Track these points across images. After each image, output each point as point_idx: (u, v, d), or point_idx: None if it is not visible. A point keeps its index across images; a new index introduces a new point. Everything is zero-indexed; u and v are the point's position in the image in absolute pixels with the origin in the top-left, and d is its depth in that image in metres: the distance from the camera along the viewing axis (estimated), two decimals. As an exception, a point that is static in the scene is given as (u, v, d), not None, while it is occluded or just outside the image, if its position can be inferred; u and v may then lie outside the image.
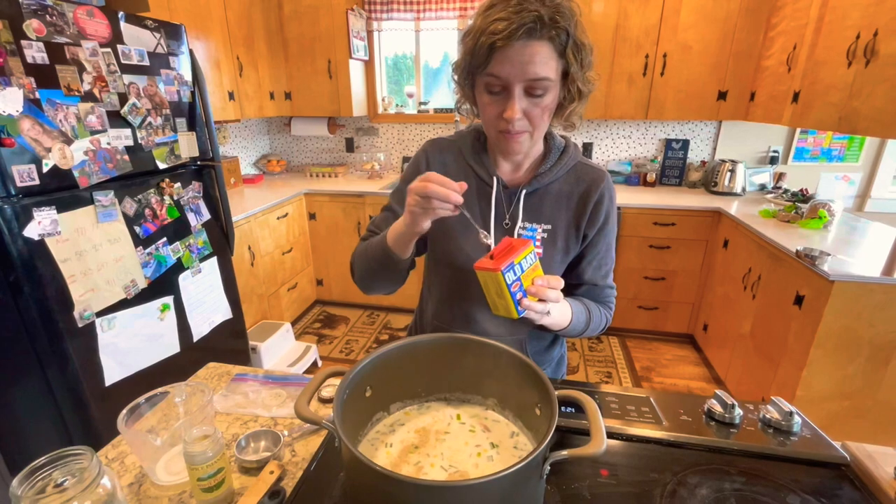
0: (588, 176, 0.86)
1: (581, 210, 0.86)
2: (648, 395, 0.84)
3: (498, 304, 0.71)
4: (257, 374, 0.94)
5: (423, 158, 0.90)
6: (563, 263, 0.88)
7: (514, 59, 0.67)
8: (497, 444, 0.64)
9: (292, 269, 2.90)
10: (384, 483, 0.47)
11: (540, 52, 0.67)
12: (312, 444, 0.75)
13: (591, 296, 0.91)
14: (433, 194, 0.65)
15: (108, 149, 1.42)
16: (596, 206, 0.86)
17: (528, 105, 0.72)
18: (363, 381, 0.63)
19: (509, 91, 0.70)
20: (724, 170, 2.79)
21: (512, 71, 0.68)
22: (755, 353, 2.08)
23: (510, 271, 0.66)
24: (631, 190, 2.94)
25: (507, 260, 0.66)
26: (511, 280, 0.66)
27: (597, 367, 2.61)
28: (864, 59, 1.69)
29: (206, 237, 1.84)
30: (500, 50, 0.67)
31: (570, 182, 0.86)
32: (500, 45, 0.66)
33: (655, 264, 2.69)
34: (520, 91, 0.70)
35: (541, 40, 0.67)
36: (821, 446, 0.71)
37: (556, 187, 0.86)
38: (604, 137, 3.13)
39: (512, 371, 0.65)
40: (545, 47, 0.68)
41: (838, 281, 1.58)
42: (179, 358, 1.72)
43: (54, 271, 1.29)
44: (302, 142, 3.59)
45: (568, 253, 0.87)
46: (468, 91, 0.79)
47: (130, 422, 0.66)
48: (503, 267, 0.65)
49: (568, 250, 0.87)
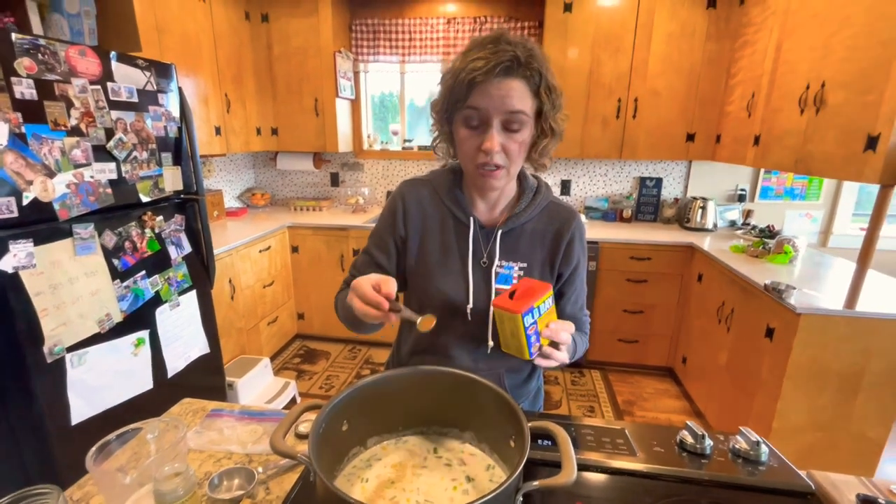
0: (560, 216, 0.91)
1: (555, 249, 0.90)
2: (623, 427, 0.85)
3: (510, 342, 0.72)
4: (233, 409, 0.92)
5: (399, 202, 0.92)
6: None
7: (493, 93, 0.73)
8: (473, 477, 0.65)
9: (273, 303, 2.87)
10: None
11: (516, 88, 0.74)
12: (287, 481, 0.74)
13: None
14: (366, 312, 0.70)
15: (91, 182, 1.42)
16: (569, 246, 0.90)
17: (505, 139, 0.76)
18: (340, 415, 0.63)
19: (488, 123, 0.75)
20: (695, 206, 2.92)
21: (491, 104, 0.74)
22: (732, 386, 2.12)
23: (529, 315, 0.68)
24: (608, 225, 3.04)
25: (528, 303, 0.68)
26: (529, 323, 0.68)
27: (579, 401, 2.61)
28: (814, 107, 1.83)
29: (187, 270, 1.83)
30: (480, 85, 0.73)
31: (544, 221, 0.90)
32: (479, 81, 0.72)
33: (633, 298, 2.75)
34: (498, 124, 0.75)
35: (517, 78, 0.73)
36: (788, 475, 0.74)
37: (530, 226, 0.90)
38: (581, 175, 3.25)
39: (488, 404, 0.66)
40: (521, 84, 0.74)
41: (804, 314, 1.65)
42: (152, 394, 1.67)
43: (26, 305, 1.26)
44: (287, 176, 3.63)
45: None
46: (445, 128, 0.84)
47: (99, 460, 0.65)
48: (524, 310, 0.67)
49: None
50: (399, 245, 0.92)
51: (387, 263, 0.93)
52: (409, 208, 0.91)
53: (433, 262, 0.90)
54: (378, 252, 0.93)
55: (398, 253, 0.93)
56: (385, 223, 0.93)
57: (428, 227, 0.91)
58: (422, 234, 0.91)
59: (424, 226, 0.91)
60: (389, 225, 0.92)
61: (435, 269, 0.89)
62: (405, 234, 0.91)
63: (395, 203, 0.92)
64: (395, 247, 0.92)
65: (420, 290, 0.92)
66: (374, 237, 0.95)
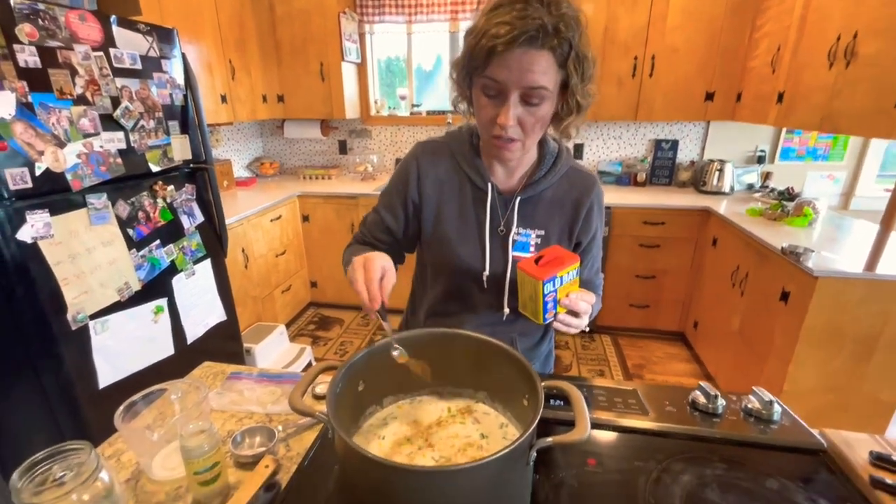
0: (580, 182, 0.88)
1: (574, 217, 0.88)
2: (635, 388, 0.86)
3: (527, 305, 0.73)
4: (252, 372, 0.95)
5: (414, 165, 0.89)
6: None
7: (513, 65, 0.67)
8: (487, 434, 0.66)
9: (286, 272, 2.91)
10: (377, 470, 0.48)
11: (539, 62, 0.67)
12: (306, 439, 0.76)
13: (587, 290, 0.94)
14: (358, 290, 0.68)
15: (101, 152, 1.42)
16: (588, 214, 0.88)
17: (522, 113, 0.72)
18: (356, 376, 0.64)
19: (505, 96, 0.70)
20: (712, 169, 2.84)
21: (510, 77, 0.68)
22: (744, 349, 2.12)
23: (550, 283, 0.68)
24: (621, 190, 2.98)
25: (552, 272, 0.68)
26: (548, 291, 0.68)
27: (589, 364, 2.64)
28: (844, 61, 1.73)
29: (200, 239, 1.85)
30: (500, 55, 0.67)
31: (563, 188, 0.88)
32: (500, 50, 0.66)
33: (646, 263, 2.72)
34: (516, 98, 0.70)
35: (541, 49, 0.66)
36: (800, 434, 0.74)
37: (549, 193, 0.87)
38: (594, 138, 3.16)
39: (501, 364, 0.67)
40: (545, 57, 0.67)
41: (822, 277, 1.62)
42: (173, 360, 1.72)
43: (47, 274, 1.29)
44: (295, 144, 3.59)
45: None
46: (466, 90, 0.79)
47: (127, 419, 0.68)
48: (545, 278, 0.67)
49: None
50: (410, 209, 0.90)
51: (395, 226, 0.91)
52: (425, 173, 0.88)
53: (450, 230, 0.88)
54: (387, 213, 0.91)
55: (407, 217, 0.91)
56: (397, 185, 0.91)
57: (445, 192, 0.88)
58: (438, 200, 0.89)
59: (441, 192, 0.88)
60: (402, 188, 0.90)
61: (452, 237, 0.88)
62: (419, 200, 0.89)
63: (410, 166, 0.89)
64: (405, 210, 0.90)
65: (436, 257, 0.91)
66: (384, 197, 0.92)
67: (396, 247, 0.94)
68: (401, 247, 0.95)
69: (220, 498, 0.65)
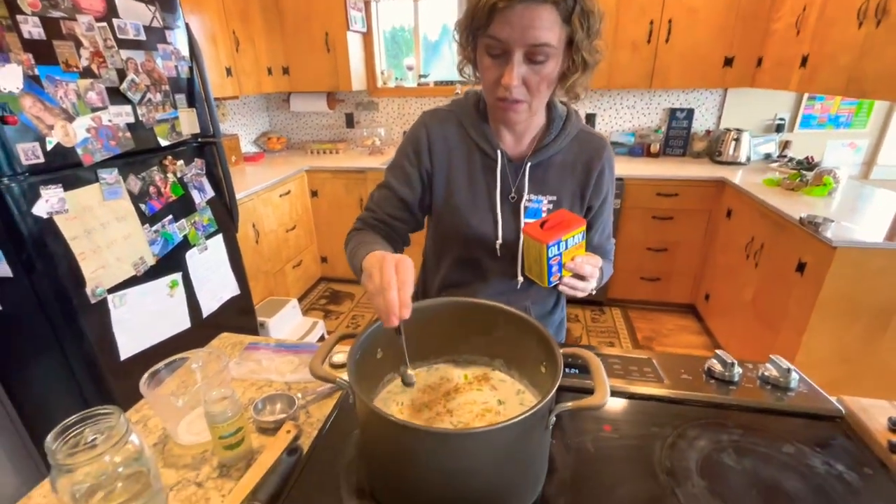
0: (590, 145, 0.86)
1: (585, 181, 0.86)
2: (650, 357, 0.86)
3: (533, 268, 0.73)
4: (269, 342, 0.97)
5: (424, 133, 0.86)
6: None
7: (515, 22, 0.65)
8: (504, 401, 0.67)
9: (296, 247, 2.92)
10: (398, 433, 0.49)
11: (543, 17, 0.65)
12: (326, 406, 0.78)
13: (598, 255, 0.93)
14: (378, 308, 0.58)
15: (110, 126, 1.41)
16: (599, 177, 0.86)
17: (527, 72, 0.70)
18: (374, 344, 0.65)
19: (509, 55, 0.68)
20: (728, 139, 2.76)
21: (512, 34, 0.66)
22: (756, 321, 2.11)
23: (555, 246, 0.68)
24: (634, 161, 2.92)
25: (557, 235, 0.68)
26: (552, 254, 0.68)
27: (599, 337, 2.65)
28: (874, 19, 1.64)
29: (212, 214, 1.85)
30: (502, 11, 0.65)
31: (574, 152, 0.86)
32: (501, 7, 0.65)
33: (658, 235, 2.69)
34: (519, 57, 0.68)
35: (545, 4, 0.64)
36: (817, 400, 0.74)
37: (559, 158, 0.86)
38: (607, 108, 3.08)
39: (518, 332, 0.67)
40: (549, 11, 0.65)
41: (841, 247, 1.59)
42: (190, 334, 1.76)
43: (65, 249, 1.31)
44: (301, 118, 3.55)
45: None
46: (470, 52, 0.77)
47: (152, 385, 0.69)
48: (550, 241, 0.67)
49: None
50: (426, 179, 0.88)
51: (411, 197, 0.88)
52: (435, 141, 0.86)
53: (461, 199, 0.87)
54: (400, 185, 0.88)
55: (423, 186, 0.89)
56: (409, 154, 0.88)
57: (454, 162, 0.87)
58: (448, 170, 0.87)
59: (450, 161, 0.87)
60: (414, 156, 0.87)
61: (463, 206, 0.86)
62: (431, 169, 0.87)
63: (419, 134, 0.87)
64: (422, 181, 0.88)
65: (448, 227, 0.90)
66: (394, 170, 0.90)
67: (412, 222, 0.92)
68: (416, 221, 0.92)
69: (245, 461, 0.67)
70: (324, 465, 0.65)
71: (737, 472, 0.61)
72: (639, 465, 0.63)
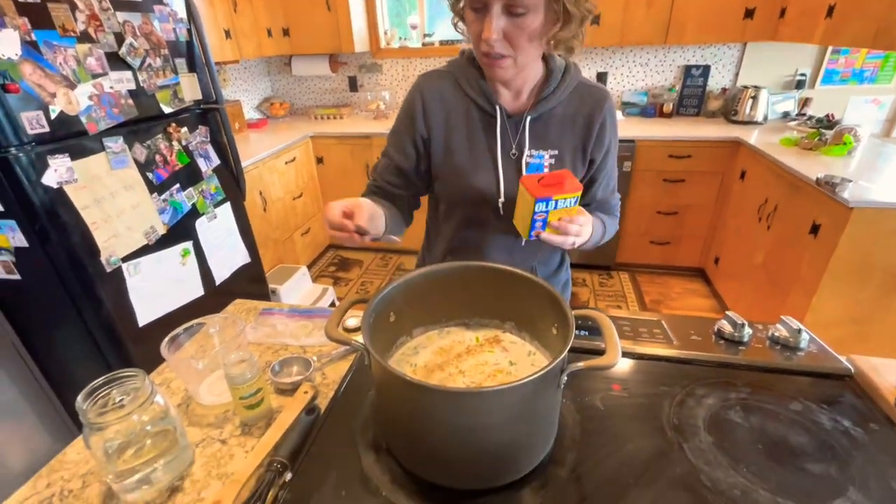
0: (591, 97, 0.84)
1: (587, 133, 0.84)
2: (660, 319, 0.87)
3: (518, 218, 0.74)
4: (283, 308, 0.98)
5: (419, 98, 0.86)
6: None
7: None
8: (515, 362, 0.68)
9: (304, 214, 2.93)
10: (413, 392, 0.50)
11: None
12: (341, 368, 0.80)
13: (603, 210, 0.93)
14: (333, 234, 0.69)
15: (112, 93, 1.39)
16: (601, 130, 0.84)
17: (508, 25, 0.68)
18: (388, 307, 0.66)
19: (488, 8, 0.67)
20: (745, 97, 2.66)
21: None
22: (765, 284, 2.10)
23: (543, 203, 0.68)
24: (646, 122, 2.83)
25: (548, 193, 0.68)
26: (539, 210, 0.68)
27: (607, 301, 2.67)
28: (910, -37, 1.54)
29: (218, 182, 1.85)
30: None
31: (574, 104, 0.84)
32: None
33: (669, 199, 2.65)
34: (498, 9, 0.66)
35: None
36: (826, 360, 0.75)
37: (559, 111, 0.84)
38: (619, 66, 2.97)
39: (528, 295, 0.67)
40: None
41: (857, 208, 1.56)
42: (204, 301, 1.79)
43: (77, 219, 1.32)
44: (304, 82, 3.47)
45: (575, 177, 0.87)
46: (459, 8, 0.76)
47: (172, 349, 0.71)
48: (539, 196, 0.67)
49: (575, 174, 0.86)
50: (421, 146, 0.88)
51: (407, 166, 0.89)
52: (430, 104, 0.85)
53: (461, 159, 0.86)
54: (397, 154, 0.89)
55: (418, 155, 0.89)
56: (404, 123, 0.88)
57: (452, 122, 0.86)
58: (446, 130, 0.86)
59: (448, 121, 0.86)
60: (409, 124, 0.87)
61: (464, 166, 0.86)
62: (427, 134, 0.87)
63: (414, 99, 0.86)
64: (416, 148, 0.88)
65: (450, 188, 0.89)
66: (392, 137, 0.90)
67: (412, 188, 0.93)
68: (416, 188, 0.94)
69: (265, 420, 0.69)
70: (341, 424, 0.67)
71: (744, 429, 0.63)
72: (647, 422, 0.65)
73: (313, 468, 0.59)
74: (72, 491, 0.59)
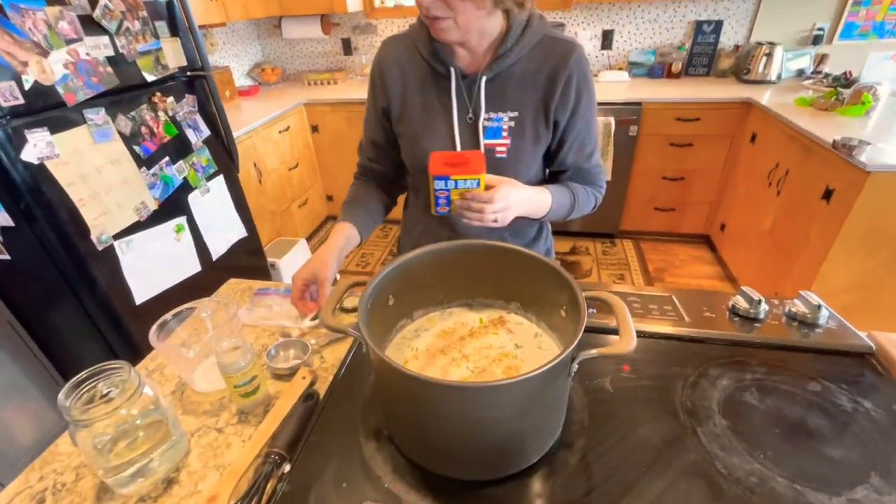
0: (555, 51, 0.76)
1: (549, 91, 0.77)
2: (671, 294, 0.83)
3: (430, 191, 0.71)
4: (279, 288, 0.95)
5: (377, 68, 0.83)
6: (535, 153, 0.82)
7: None
8: (521, 345, 0.65)
9: (300, 186, 2.86)
10: (415, 387, 0.47)
11: None
12: (340, 350, 0.77)
13: (578, 178, 0.87)
14: None
15: (89, 60, 1.31)
16: (566, 86, 0.77)
17: None
18: (385, 291, 0.62)
19: None
20: (759, 54, 2.53)
21: None
22: (773, 251, 2.06)
23: (441, 181, 0.67)
24: (653, 83, 2.71)
25: (446, 172, 0.66)
26: (438, 187, 0.67)
27: (609, 269, 2.64)
28: None
29: (209, 154, 1.78)
30: None
31: (536, 60, 0.77)
32: None
33: (675, 163, 2.57)
34: None
35: None
36: (846, 337, 0.71)
37: (519, 69, 0.77)
38: (626, 23, 2.81)
39: (534, 274, 0.63)
40: None
41: (875, 171, 1.49)
42: (202, 277, 1.76)
43: (62, 196, 1.27)
44: (295, 46, 3.31)
45: (539, 141, 0.81)
46: None
47: (162, 336, 0.68)
48: (436, 175, 0.66)
49: (538, 138, 0.80)
50: (384, 116, 0.86)
51: (381, 140, 0.88)
52: (388, 72, 0.82)
53: (417, 125, 0.82)
54: (372, 131, 0.89)
55: (387, 128, 0.87)
56: (369, 95, 0.87)
57: (409, 88, 0.82)
58: (403, 97, 0.82)
59: (405, 86, 0.82)
60: (372, 96, 0.86)
61: (420, 132, 0.82)
62: (387, 104, 0.83)
63: (374, 72, 0.84)
64: (382, 122, 0.86)
65: (409, 157, 0.86)
66: (366, 114, 0.89)
67: (394, 164, 0.92)
68: (396, 163, 0.92)
69: (263, 407, 0.67)
70: (341, 410, 0.65)
71: (759, 411, 0.60)
72: (659, 405, 0.62)
73: (313, 458, 0.57)
74: (65, 484, 0.58)
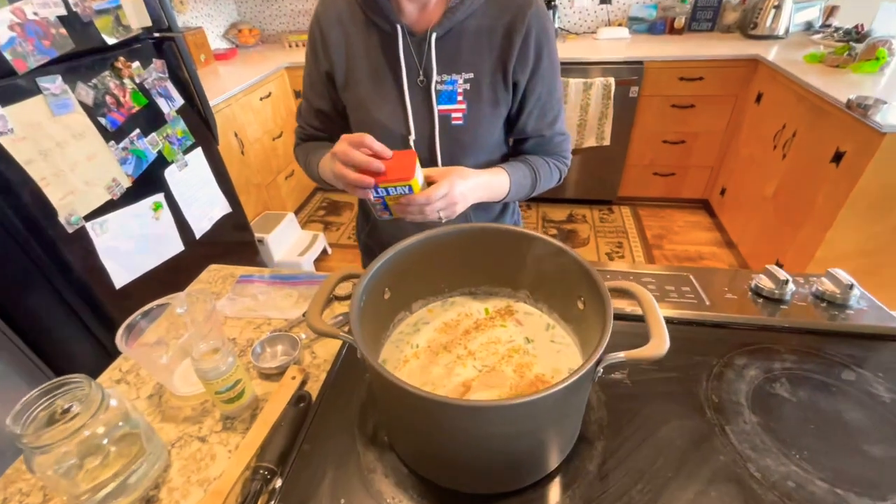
0: (512, 3, 0.68)
1: (507, 49, 0.69)
2: (689, 274, 0.77)
3: None
4: (263, 274, 0.87)
5: (316, 28, 0.74)
6: (494, 118, 0.74)
7: None
8: (532, 338, 0.59)
9: (286, 156, 2.72)
10: (417, 402, 0.41)
11: None
12: (333, 344, 0.71)
13: (541, 149, 0.80)
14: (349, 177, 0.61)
15: (38, 21, 1.17)
16: (524, 43, 0.68)
17: None
18: (379, 285, 0.55)
19: None
20: (767, 6, 2.39)
21: None
22: (775, 216, 2.01)
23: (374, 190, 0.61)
24: (655, 40, 2.57)
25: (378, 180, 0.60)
26: (374, 196, 0.62)
27: (607, 237, 2.59)
28: None
29: (185, 126, 1.65)
30: None
31: (492, 14, 0.68)
32: None
33: (676, 126, 2.47)
34: None
35: None
36: (879, 318, 0.66)
37: (473, 24, 0.69)
38: (627, -27, 2.63)
39: (547, 261, 0.57)
40: None
41: (891, 133, 1.42)
42: (185, 256, 1.68)
43: (22, 176, 1.16)
44: (274, 4, 3.08)
45: (497, 105, 0.73)
46: None
47: (132, 337, 0.61)
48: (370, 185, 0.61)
49: (497, 102, 0.73)
50: (328, 81, 0.77)
51: (325, 106, 0.80)
52: (328, 32, 0.72)
53: (363, 91, 0.74)
54: (316, 98, 0.79)
55: (330, 92, 0.78)
56: (309, 59, 0.77)
57: (352, 48, 0.73)
58: (347, 59, 0.73)
59: (349, 47, 0.73)
60: (312, 59, 0.76)
61: (366, 99, 0.74)
62: (330, 66, 0.74)
63: (313, 31, 0.74)
64: (326, 85, 0.77)
65: (356, 126, 0.78)
66: (305, 77, 0.80)
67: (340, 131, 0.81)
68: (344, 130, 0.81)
69: (250, 411, 0.61)
70: (336, 413, 0.59)
71: (792, 405, 0.56)
72: (682, 400, 0.57)
73: (306, 471, 0.52)
74: (31, 507, 0.52)
